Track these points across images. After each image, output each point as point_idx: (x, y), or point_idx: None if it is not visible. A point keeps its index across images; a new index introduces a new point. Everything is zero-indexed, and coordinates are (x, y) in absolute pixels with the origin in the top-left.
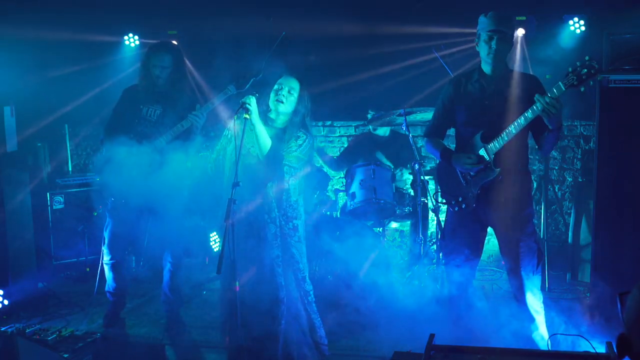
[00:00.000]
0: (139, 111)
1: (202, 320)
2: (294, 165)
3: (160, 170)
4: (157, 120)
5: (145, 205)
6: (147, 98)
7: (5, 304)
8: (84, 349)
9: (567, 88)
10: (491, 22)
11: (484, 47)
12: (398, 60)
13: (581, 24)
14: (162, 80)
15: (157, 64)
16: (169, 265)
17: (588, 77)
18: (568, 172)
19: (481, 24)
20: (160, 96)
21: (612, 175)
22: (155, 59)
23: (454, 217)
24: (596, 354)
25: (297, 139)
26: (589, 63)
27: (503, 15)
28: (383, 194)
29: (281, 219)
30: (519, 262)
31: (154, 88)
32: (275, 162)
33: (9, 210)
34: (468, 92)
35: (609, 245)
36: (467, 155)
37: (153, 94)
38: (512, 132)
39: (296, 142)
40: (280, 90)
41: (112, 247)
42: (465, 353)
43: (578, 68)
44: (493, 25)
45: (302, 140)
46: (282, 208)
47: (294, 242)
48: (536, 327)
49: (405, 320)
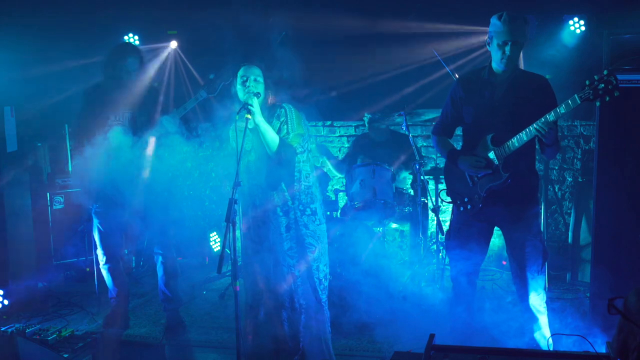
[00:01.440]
0: (107, 118)
1: (202, 320)
2: (300, 144)
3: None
4: (127, 124)
5: (128, 204)
6: (113, 102)
7: (5, 304)
8: (84, 349)
9: (582, 101)
10: (506, 30)
11: (497, 51)
12: (398, 59)
13: (581, 24)
14: (127, 83)
15: (123, 67)
16: (160, 258)
17: (605, 93)
18: (568, 172)
19: (494, 27)
20: (127, 99)
21: (612, 175)
22: (120, 62)
23: (459, 216)
24: (596, 354)
25: (278, 116)
26: (607, 78)
27: (518, 22)
28: (383, 194)
29: (296, 210)
30: (525, 262)
31: (120, 91)
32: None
33: (9, 210)
34: (478, 91)
35: (609, 245)
36: (475, 159)
37: (119, 98)
38: (524, 138)
39: (280, 121)
40: (246, 82)
41: (106, 250)
42: (465, 353)
43: (595, 82)
44: (509, 36)
45: (283, 116)
46: (297, 198)
47: (312, 229)
48: (539, 327)
49: (405, 320)
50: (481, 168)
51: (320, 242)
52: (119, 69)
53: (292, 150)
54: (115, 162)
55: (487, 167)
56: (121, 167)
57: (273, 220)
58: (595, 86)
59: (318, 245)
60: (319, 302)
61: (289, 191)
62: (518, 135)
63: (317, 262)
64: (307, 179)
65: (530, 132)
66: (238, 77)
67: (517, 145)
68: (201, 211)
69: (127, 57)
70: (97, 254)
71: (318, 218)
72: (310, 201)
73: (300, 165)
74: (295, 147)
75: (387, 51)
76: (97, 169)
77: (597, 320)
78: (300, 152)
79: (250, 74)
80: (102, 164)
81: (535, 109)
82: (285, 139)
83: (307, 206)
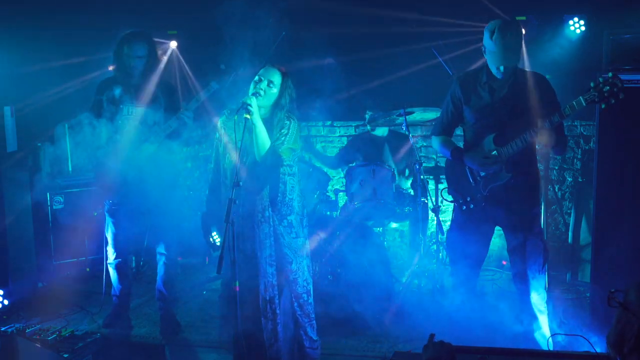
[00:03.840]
0: (119, 110)
1: (202, 321)
2: (289, 158)
3: (153, 169)
4: (140, 118)
5: (143, 204)
6: (126, 94)
7: (5, 304)
8: (84, 349)
9: (587, 104)
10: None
11: (493, 64)
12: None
13: (581, 24)
14: (138, 72)
15: (132, 54)
16: (163, 258)
17: (610, 96)
18: (568, 172)
19: (488, 45)
20: (139, 91)
21: (612, 175)
22: (129, 49)
23: (461, 216)
24: (596, 354)
25: (282, 128)
26: (612, 81)
27: (511, 34)
28: (383, 194)
29: (274, 218)
30: (526, 261)
31: (130, 80)
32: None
33: (8, 210)
34: (477, 93)
35: (609, 245)
36: (484, 155)
37: (131, 89)
38: (528, 139)
39: (280, 132)
40: (259, 82)
41: (116, 247)
42: (465, 353)
43: (600, 85)
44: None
45: (287, 128)
46: (276, 208)
47: (288, 241)
48: (539, 326)
49: (405, 320)
50: (490, 165)
51: (297, 256)
52: (127, 55)
53: (279, 159)
54: (131, 157)
55: (495, 163)
56: (137, 163)
57: (255, 225)
58: (601, 89)
59: (295, 258)
60: (296, 315)
61: (270, 199)
62: (521, 137)
63: (294, 274)
64: (291, 191)
65: (530, 135)
66: (256, 75)
67: (520, 145)
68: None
69: (136, 42)
70: (106, 250)
71: (294, 231)
72: (287, 213)
73: (286, 177)
74: (284, 158)
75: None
76: (113, 165)
77: (597, 320)
78: (287, 165)
79: (265, 77)
80: (117, 159)
81: (536, 108)
82: (276, 148)
83: (284, 217)
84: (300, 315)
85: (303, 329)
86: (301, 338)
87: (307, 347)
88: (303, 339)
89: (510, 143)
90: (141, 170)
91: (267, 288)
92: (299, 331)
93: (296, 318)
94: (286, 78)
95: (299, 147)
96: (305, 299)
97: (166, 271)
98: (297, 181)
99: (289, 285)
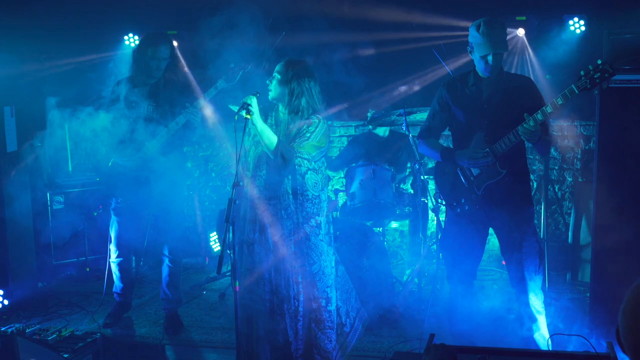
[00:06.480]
0: (135, 108)
1: (202, 321)
2: (311, 154)
3: (160, 169)
4: (150, 115)
5: (150, 205)
6: (141, 92)
7: (5, 304)
8: (84, 349)
9: (580, 91)
10: (486, 42)
11: (480, 61)
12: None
13: (581, 24)
14: (160, 72)
15: (155, 55)
16: (167, 260)
17: (602, 81)
18: (568, 172)
19: (474, 39)
20: (154, 89)
21: (612, 175)
22: (154, 51)
23: (455, 218)
24: (596, 354)
25: (309, 125)
26: (603, 67)
27: (497, 30)
28: (383, 194)
29: (299, 215)
30: (522, 262)
31: (148, 80)
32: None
33: (9, 210)
34: (465, 96)
35: (609, 245)
36: (474, 149)
37: (150, 89)
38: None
39: (308, 129)
40: (272, 79)
41: (119, 245)
42: (465, 353)
43: (591, 72)
44: (489, 49)
45: (314, 126)
46: (299, 203)
47: (313, 242)
48: (537, 327)
49: (406, 320)
50: (480, 158)
51: (321, 260)
52: (151, 57)
53: (292, 152)
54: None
55: (486, 157)
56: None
57: (278, 221)
58: (592, 75)
59: (318, 261)
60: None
61: (292, 192)
62: (513, 131)
63: (315, 277)
64: (314, 187)
65: (517, 133)
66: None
67: (513, 140)
68: (201, 211)
69: (159, 44)
70: (109, 248)
71: (322, 233)
72: (315, 212)
73: (308, 172)
74: (302, 151)
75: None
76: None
77: (597, 320)
78: (306, 159)
79: (275, 70)
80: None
81: (523, 109)
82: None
83: (312, 216)
84: (314, 320)
85: (314, 334)
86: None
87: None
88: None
89: (503, 138)
90: (152, 171)
91: (290, 286)
92: (315, 334)
93: (313, 321)
94: (290, 67)
95: (325, 146)
96: (324, 305)
97: (170, 273)
98: (321, 179)
99: (313, 284)
